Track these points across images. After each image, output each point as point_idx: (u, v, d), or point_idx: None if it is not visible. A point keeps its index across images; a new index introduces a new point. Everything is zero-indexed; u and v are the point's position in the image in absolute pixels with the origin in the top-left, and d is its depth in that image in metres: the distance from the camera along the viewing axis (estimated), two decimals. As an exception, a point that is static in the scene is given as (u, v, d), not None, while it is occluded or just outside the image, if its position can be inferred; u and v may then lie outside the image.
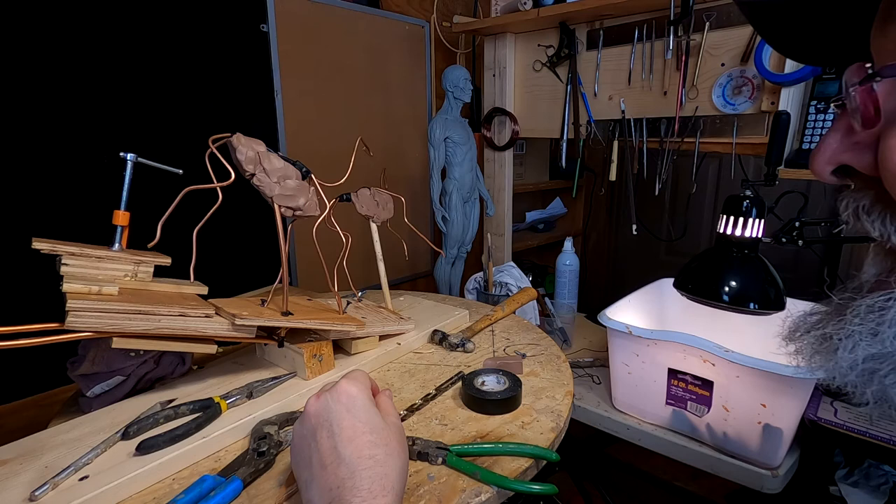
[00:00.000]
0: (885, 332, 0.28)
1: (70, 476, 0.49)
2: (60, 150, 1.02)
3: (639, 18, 1.21)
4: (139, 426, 0.55)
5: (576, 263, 1.40)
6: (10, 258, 0.95)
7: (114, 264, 0.59)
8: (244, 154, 0.58)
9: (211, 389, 0.65)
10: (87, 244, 0.59)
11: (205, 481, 0.48)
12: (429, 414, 0.63)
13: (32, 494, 0.46)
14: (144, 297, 0.57)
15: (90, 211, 1.04)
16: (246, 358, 0.74)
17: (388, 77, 1.65)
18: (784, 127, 1.00)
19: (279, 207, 0.62)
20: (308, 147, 1.44)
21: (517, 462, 0.53)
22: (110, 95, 1.07)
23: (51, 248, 0.55)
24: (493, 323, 0.90)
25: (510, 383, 0.65)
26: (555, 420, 0.60)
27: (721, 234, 0.87)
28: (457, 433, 0.58)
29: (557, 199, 2.22)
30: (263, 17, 1.30)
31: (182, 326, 0.55)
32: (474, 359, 0.77)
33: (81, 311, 0.50)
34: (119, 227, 0.60)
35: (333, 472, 0.39)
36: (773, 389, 0.81)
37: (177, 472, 0.53)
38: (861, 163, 0.28)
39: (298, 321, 0.63)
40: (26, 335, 0.49)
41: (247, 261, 1.33)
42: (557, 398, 0.66)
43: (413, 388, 0.69)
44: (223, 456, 0.55)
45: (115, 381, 0.63)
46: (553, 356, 0.77)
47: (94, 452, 0.52)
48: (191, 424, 0.55)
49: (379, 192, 0.83)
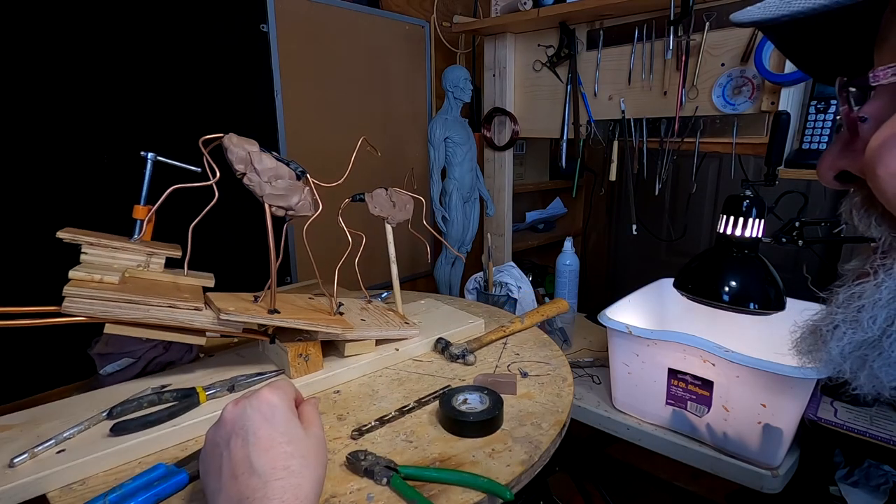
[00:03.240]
0: (863, 317, 0.30)
1: (50, 448, 0.52)
2: (59, 151, 1.02)
3: (639, 18, 1.21)
4: (123, 408, 0.58)
5: (576, 263, 1.40)
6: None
7: (128, 254, 0.63)
8: (235, 154, 0.59)
9: (203, 379, 0.67)
10: (105, 234, 0.63)
11: (157, 469, 0.50)
12: (399, 428, 0.60)
13: (11, 461, 0.50)
14: (141, 287, 0.60)
15: (96, 207, 1.04)
16: (248, 351, 0.76)
17: (388, 77, 1.65)
18: (784, 127, 0.99)
19: (270, 207, 0.62)
20: (308, 147, 1.44)
21: (467, 495, 0.48)
22: (111, 95, 1.07)
23: (72, 237, 0.60)
24: (508, 335, 0.86)
25: (491, 404, 0.60)
26: (529, 452, 0.55)
27: (721, 234, 0.87)
28: (418, 453, 0.55)
29: (557, 199, 2.22)
30: (263, 17, 1.30)
31: (170, 317, 0.58)
32: (473, 372, 0.74)
33: (76, 297, 0.54)
34: (138, 220, 0.65)
35: (245, 483, 0.37)
36: (773, 389, 0.81)
37: (143, 456, 0.55)
38: (855, 166, 0.31)
39: (282, 319, 0.64)
40: (25, 316, 0.52)
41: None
42: (543, 427, 0.60)
43: (395, 398, 0.67)
44: (191, 446, 0.57)
45: (126, 363, 0.68)
46: (558, 378, 0.72)
47: (77, 428, 0.55)
48: (165, 412, 0.58)
49: (397, 192, 0.81)
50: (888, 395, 0.31)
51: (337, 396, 0.68)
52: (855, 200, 0.32)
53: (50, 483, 0.50)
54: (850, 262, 0.34)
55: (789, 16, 0.29)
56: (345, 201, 0.76)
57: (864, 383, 0.31)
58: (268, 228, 0.62)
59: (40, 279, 0.58)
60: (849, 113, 0.30)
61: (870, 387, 0.31)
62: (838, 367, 0.32)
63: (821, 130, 1.02)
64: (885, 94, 0.29)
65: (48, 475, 0.49)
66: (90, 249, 0.61)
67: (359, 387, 0.70)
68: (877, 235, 0.31)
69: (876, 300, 0.30)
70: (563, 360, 0.79)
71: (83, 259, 0.61)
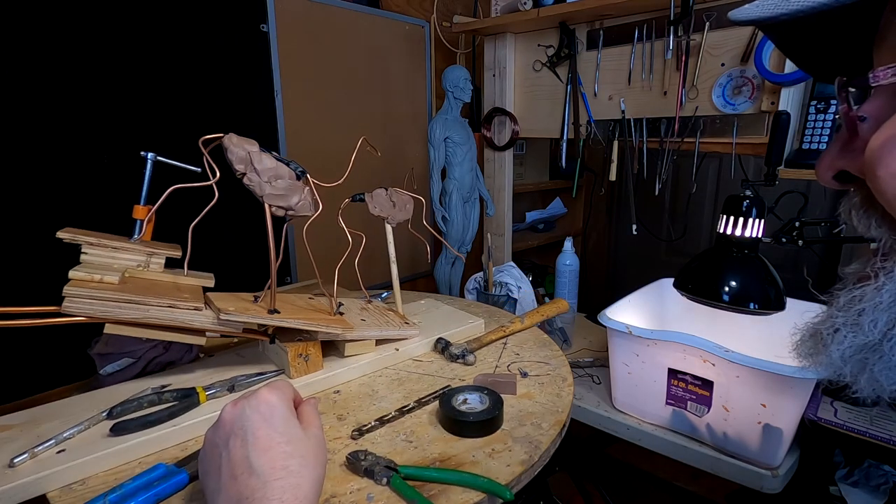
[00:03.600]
0: (864, 320, 0.30)
1: (50, 448, 0.53)
2: (59, 151, 1.02)
3: (639, 18, 1.21)
4: (123, 408, 0.58)
5: (576, 263, 1.40)
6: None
7: (128, 254, 0.63)
8: (235, 154, 0.59)
9: (204, 379, 0.67)
10: (105, 234, 0.63)
11: (158, 469, 0.50)
12: (399, 428, 0.60)
13: (11, 461, 0.50)
14: (141, 287, 0.60)
15: (95, 207, 1.04)
16: (249, 351, 0.76)
17: (388, 77, 1.65)
18: (784, 127, 0.99)
19: (270, 207, 0.62)
20: (308, 147, 1.44)
21: (467, 495, 0.48)
22: (111, 95, 1.06)
23: (72, 237, 0.60)
24: (508, 335, 0.86)
25: (491, 405, 0.60)
26: (529, 452, 0.55)
27: (721, 234, 0.87)
28: (418, 453, 0.55)
29: (557, 199, 2.22)
30: (263, 17, 1.30)
31: (170, 317, 0.58)
32: (473, 372, 0.74)
33: (76, 297, 0.54)
34: (138, 220, 0.65)
35: (244, 483, 0.37)
36: (773, 389, 0.81)
37: (143, 456, 0.55)
38: (855, 166, 0.31)
39: (282, 320, 0.64)
40: (25, 316, 0.53)
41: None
42: (543, 427, 0.60)
43: (395, 398, 0.67)
44: (191, 446, 0.57)
45: (125, 363, 0.68)
46: (558, 378, 0.72)
47: (77, 428, 0.55)
48: (165, 412, 0.58)
49: (397, 192, 0.81)
50: (888, 398, 0.31)
51: (337, 396, 0.68)
52: (854, 201, 0.32)
53: (50, 483, 0.50)
54: (851, 265, 0.34)
55: (789, 14, 0.29)
56: (345, 201, 0.76)
57: (865, 387, 0.31)
58: (268, 228, 0.62)
59: (40, 279, 0.58)
60: (848, 112, 0.30)
61: (870, 390, 0.31)
62: (839, 371, 0.32)
63: (821, 130, 1.02)
64: (884, 94, 0.29)
65: (48, 475, 0.49)
66: (90, 249, 0.61)
67: (359, 387, 0.70)
68: (877, 237, 0.31)
69: (877, 304, 0.30)
70: (563, 360, 0.79)
71: (83, 259, 0.61)
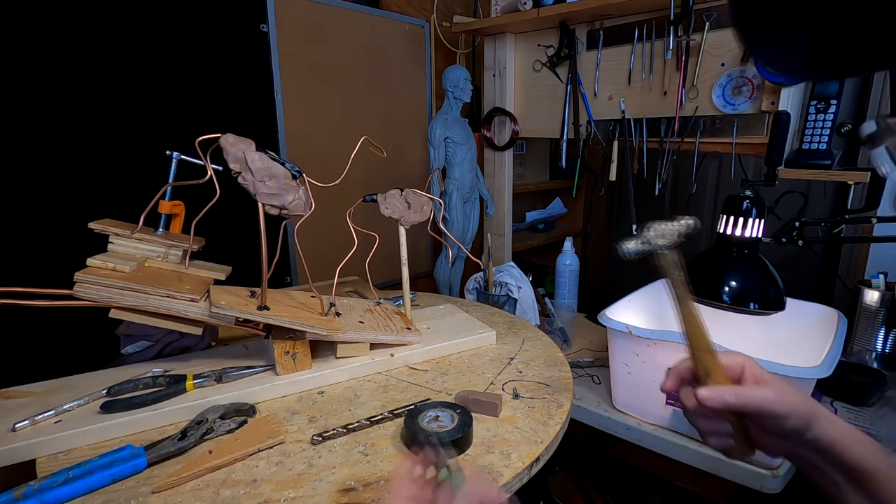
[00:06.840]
0: None
1: (49, 418, 0.57)
2: (60, 150, 1.02)
3: (639, 18, 1.21)
4: (120, 387, 0.62)
5: (576, 263, 1.40)
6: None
7: (150, 245, 0.69)
8: (230, 154, 0.60)
9: (201, 367, 0.70)
10: (131, 226, 0.69)
11: (124, 450, 0.52)
12: (363, 438, 0.58)
13: (14, 426, 0.55)
14: (149, 276, 0.64)
15: (95, 207, 1.04)
16: (254, 345, 0.78)
17: (388, 77, 1.65)
18: (784, 127, 0.99)
19: (263, 206, 0.64)
20: (308, 147, 1.44)
21: None
22: (111, 95, 1.07)
23: (101, 228, 0.66)
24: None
25: (458, 425, 0.56)
26: None
27: (721, 234, 0.87)
28: (368, 468, 0.53)
29: (557, 199, 2.22)
30: (263, 17, 1.30)
31: (167, 307, 0.62)
32: (465, 387, 0.70)
33: (86, 283, 0.59)
34: (163, 214, 0.71)
35: None
36: (773, 389, 0.81)
37: (126, 434, 0.58)
38: None
39: (268, 316, 0.65)
40: (40, 297, 0.57)
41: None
42: (511, 458, 0.55)
43: (373, 406, 0.66)
44: (169, 430, 0.59)
45: (144, 345, 0.73)
46: (553, 404, 0.67)
47: (79, 402, 0.60)
48: (150, 396, 0.61)
49: (414, 193, 0.80)
50: None
51: (319, 397, 0.68)
52: None
53: (40, 449, 0.54)
54: None
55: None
56: (357, 202, 0.77)
57: None
58: (260, 226, 0.63)
59: (68, 266, 0.63)
60: None
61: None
62: None
63: (821, 130, 1.02)
64: None
65: (39, 442, 0.54)
66: (116, 240, 0.67)
67: (343, 390, 0.70)
68: None
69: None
70: (569, 383, 0.73)
71: (110, 248, 0.66)
